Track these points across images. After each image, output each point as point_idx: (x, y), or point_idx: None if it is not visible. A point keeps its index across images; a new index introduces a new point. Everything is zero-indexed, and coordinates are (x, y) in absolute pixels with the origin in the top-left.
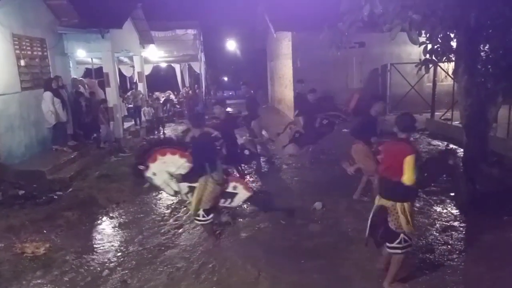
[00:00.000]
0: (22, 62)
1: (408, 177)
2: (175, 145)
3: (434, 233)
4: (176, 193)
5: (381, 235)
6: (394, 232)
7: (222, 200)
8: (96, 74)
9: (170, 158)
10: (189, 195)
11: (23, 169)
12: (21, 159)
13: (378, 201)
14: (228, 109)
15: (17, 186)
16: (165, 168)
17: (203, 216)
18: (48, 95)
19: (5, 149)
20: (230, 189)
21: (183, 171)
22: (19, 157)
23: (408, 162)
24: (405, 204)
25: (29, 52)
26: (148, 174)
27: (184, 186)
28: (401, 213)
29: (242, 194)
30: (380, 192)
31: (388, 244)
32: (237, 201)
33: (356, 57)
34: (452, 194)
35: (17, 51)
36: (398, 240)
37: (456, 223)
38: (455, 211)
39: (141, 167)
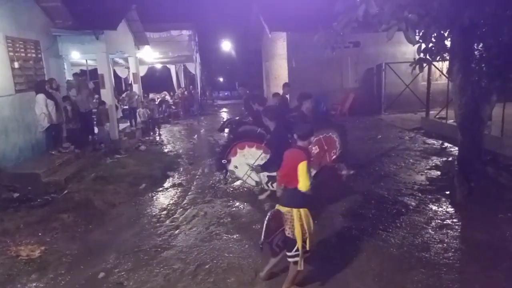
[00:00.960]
0: (16, 65)
1: (302, 183)
2: (252, 138)
3: (430, 231)
4: (257, 183)
5: (277, 243)
6: (292, 239)
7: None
8: (91, 75)
9: (248, 150)
10: (269, 184)
11: (18, 172)
12: (15, 162)
13: (277, 206)
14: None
15: (12, 189)
16: (245, 161)
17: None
18: (41, 97)
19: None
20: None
21: (261, 162)
22: (13, 160)
23: (301, 169)
24: (301, 211)
25: (23, 54)
26: (231, 167)
27: (264, 176)
28: (297, 220)
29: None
30: (279, 199)
31: (287, 253)
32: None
33: (351, 57)
34: (447, 192)
35: (11, 53)
36: (295, 248)
37: (451, 221)
38: (450, 209)
39: (224, 161)
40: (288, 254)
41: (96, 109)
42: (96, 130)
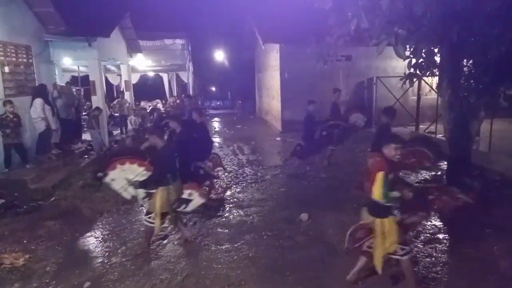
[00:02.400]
0: (7, 69)
1: (375, 192)
2: (134, 155)
3: (419, 245)
4: (133, 197)
5: (369, 246)
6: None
7: (177, 205)
8: (83, 82)
9: (129, 166)
10: (145, 199)
11: (4, 178)
12: (2, 168)
13: (363, 214)
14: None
15: None
16: (124, 175)
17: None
18: (39, 102)
19: None
20: (185, 196)
21: (140, 178)
22: (1, 165)
23: (378, 178)
24: (385, 221)
25: (14, 59)
26: (107, 180)
27: (141, 192)
28: (381, 229)
29: (196, 200)
30: (366, 207)
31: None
32: (192, 206)
33: (343, 70)
34: (436, 206)
35: (1, 58)
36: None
37: (440, 235)
38: (438, 223)
39: (100, 174)
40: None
41: (87, 115)
42: (87, 137)
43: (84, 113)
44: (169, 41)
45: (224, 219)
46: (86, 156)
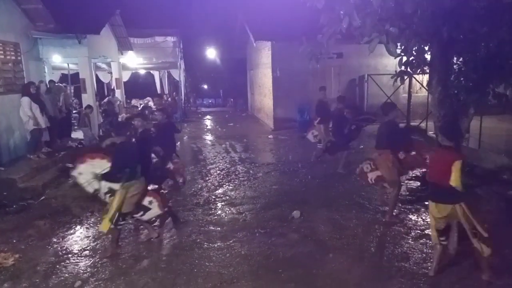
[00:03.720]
0: None
1: (455, 180)
2: (103, 151)
3: (410, 241)
4: (95, 191)
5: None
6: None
7: (135, 211)
8: (73, 79)
9: (99, 161)
10: (107, 196)
11: None
12: None
13: (436, 207)
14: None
15: None
16: (92, 170)
17: (118, 221)
18: (25, 100)
19: None
20: (145, 203)
21: (104, 171)
22: None
23: (456, 167)
24: (463, 205)
25: (1, 57)
26: (74, 173)
27: (105, 186)
28: (462, 214)
29: (154, 210)
30: (432, 197)
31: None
32: (148, 216)
33: (334, 67)
34: (427, 203)
35: None
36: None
37: (430, 231)
38: (429, 220)
39: (69, 165)
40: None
41: (78, 113)
42: (78, 135)
43: (74, 111)
44: (160, 38)
45: (216, 217)
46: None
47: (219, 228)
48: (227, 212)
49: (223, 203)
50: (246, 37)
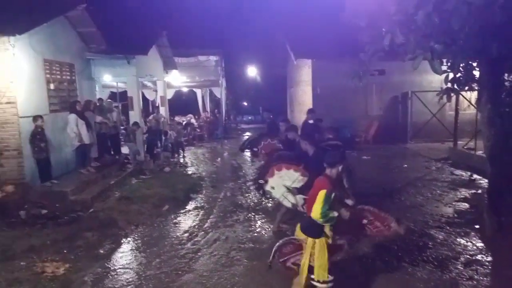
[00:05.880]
0: (52, 86)
1: (314, 211)
2: (289, 160)
3: (459, 267)
4: (293, 205)
5: (294, 262)
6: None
7: None
8: (120, 97)
9: (286, 172)
10: (305, 206)
11: (47, 190)
12: (38, 181)
13: (297, 230)
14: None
15: (40, 205)
16: (282, 182)
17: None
18: (72, 117)
19: (30, 169)
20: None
21: (298, 184)
22: (36, 179)
23: (319, 196)
24: (317, 241)
25: (58, 77)
26: (267, 188)
27: (301, 199)
28: (309, 249)
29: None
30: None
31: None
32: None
33: (376, 84)
34: (477, 226)
35: (48, 75)
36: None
37: (481, 257)
38: (480, 244)
39: (261, 181)
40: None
41: (125, 129)
42: (126, 150)
43: (121, 127)
44: (203, 57)
45: (256, 234)
46: (124, 169)
47: (258, 246)
48: (266, 229)
49: (262, 220)
50: (286, 55)
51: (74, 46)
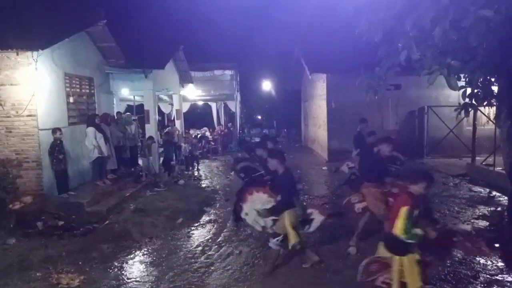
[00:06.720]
0: (71, 99)
1: (398, 227)
2: (259, 183)
3: (478, 286)
4: (263, 228)
5: (383, 281)
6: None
7: (301, 227)
8: (137, 110)
9: (257, 196)
10: (274, 227)
11: (64, 201)
12: (56, 192)
13: (380, 249)
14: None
15: (57, 216)
16: (253, 206)
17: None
18: (91, 130)
19: (48, 180)
20: (308, 216)
21: (267, 206)
22: (54, 190)
23: (402, 213)
24: (404, 259)
25: (78, 90)
26: (243, 215)
27: (269, 220)
28: (398, 266)
29: (317, 219)
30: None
31: None
32: (314, 226)
33: (392, 99)
34: (497, 245)
35: (68, 89)
36: None
37: (501, 277)
38: (500, 264)
39: (239, 207)
40: None
41: (141, 142)
42: (140, 161)
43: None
44: (218, 72)
45: (269, 248)
46: (138, 182)
47: (271, 261)
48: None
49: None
50: (301, 70)
51: (94, 60)
